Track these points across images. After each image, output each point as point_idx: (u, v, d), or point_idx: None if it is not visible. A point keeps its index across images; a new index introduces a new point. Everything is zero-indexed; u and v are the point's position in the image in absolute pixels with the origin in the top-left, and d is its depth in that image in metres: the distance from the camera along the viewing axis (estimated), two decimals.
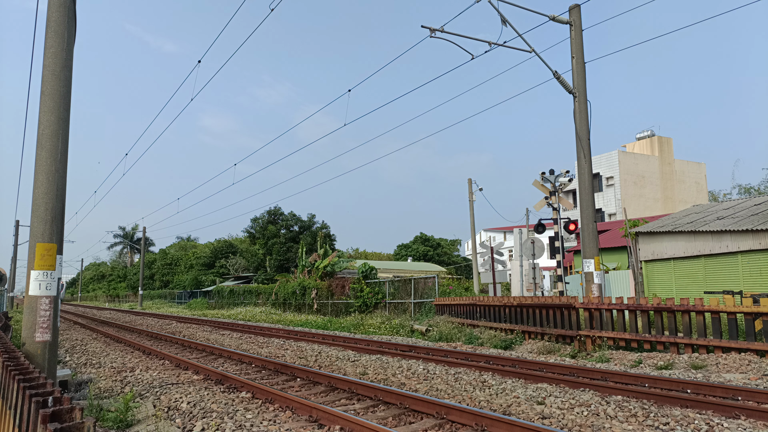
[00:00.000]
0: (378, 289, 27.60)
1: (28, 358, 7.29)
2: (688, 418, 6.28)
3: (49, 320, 7.55)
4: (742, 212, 17.49)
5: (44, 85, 7.94)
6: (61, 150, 7.88)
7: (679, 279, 17.58)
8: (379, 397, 7.62)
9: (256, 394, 8.11)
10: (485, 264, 22.03)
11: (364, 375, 9.79)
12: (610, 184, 49.41)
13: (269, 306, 37.16)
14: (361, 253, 75.14)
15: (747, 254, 15.51)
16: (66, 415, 2.96)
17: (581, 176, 14.46)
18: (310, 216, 58.66)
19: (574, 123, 14.53)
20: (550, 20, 14.56)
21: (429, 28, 13.52)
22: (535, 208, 18.21)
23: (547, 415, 6.58)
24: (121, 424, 6.55)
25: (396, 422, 6.62)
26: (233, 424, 6.41)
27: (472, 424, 6.11)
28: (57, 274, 7.68)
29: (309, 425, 6.41)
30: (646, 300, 11.57)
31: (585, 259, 14.02)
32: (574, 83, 14.59)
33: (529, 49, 14.29)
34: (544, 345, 12.89)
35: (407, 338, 17.31)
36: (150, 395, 8.26)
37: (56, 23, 8.05)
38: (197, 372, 10.52)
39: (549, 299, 13.94)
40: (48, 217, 7.67)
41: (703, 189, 54.15)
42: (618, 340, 12.01)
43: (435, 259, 67.64)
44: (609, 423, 6.15)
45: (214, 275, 61.50)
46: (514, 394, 7.69)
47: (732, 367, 9.46)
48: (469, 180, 31.80)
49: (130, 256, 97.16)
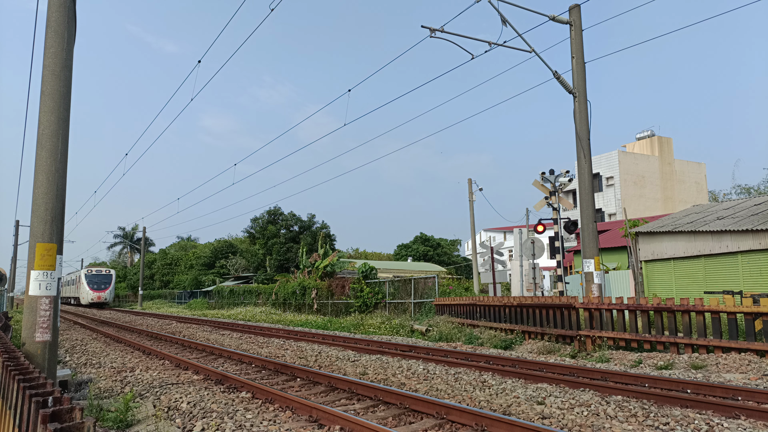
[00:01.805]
0: (378, 289, 27.60)
1: (28, 358, 7.29)
2: (688, 418, 6.28)
3: (49, 320, 7.55)
4: (742, 212, 17.49)
5: (44, 85, 7.94)
6: (61, 150, 7.88)
7: (679, 279, 17.58)
8: (379, 397, 7.62)
9: (256, 394, 8.11)
10: (485, 264, 22.03)
11: (364, 375, 9.79)
12: (610, 184, 49.40)
13: (269, 306, 37.15)
14: (361, 253, 75.12)
15: (747, 254, 15.51)
16: (66, 415, 2.96)
17: (581, 176, 14.46)
18: (310, 216, 58.68)
19: (574, 123, 14.53)
20: (550, 20, 14.56)
21: (429, 28, 13.52)
22: (535, 208, 18.21)
23: (547, 415, 6.58)
24: (121, 424, 6.55)
25: (396, 422, 6.62)
26: (233, 424, 6.41)
27: (472, 424, 6.11)
28: (57, 274, 7.68)
29: (309, 425, 6.41)
30: (646, 300, 11.57)
31: (585, 259, 14.02)
32: (574, 83, 14.59)
33: (529, 49, 14.29)
34: (544, 345, 12.88)
35: (407, 338, 17.31)
36: (150, 395, 8.26)
37: (56, 23, 8.05)
38: (197, 372, 10.52)
39: (549, 299, 13.94)
40: (48, 217, 7.66)
41: (703, 189, 54.15)
42: (618, 340, 12.01)
43: (435, 259, 67.60)
44: (609, 423, 6.15)
45: (214, 275, 61.48)
46: (514, 394, 7.69)
47: (732, 367, 9.46)
48: (469, 180, 31.81)
49: (130, 256, 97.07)
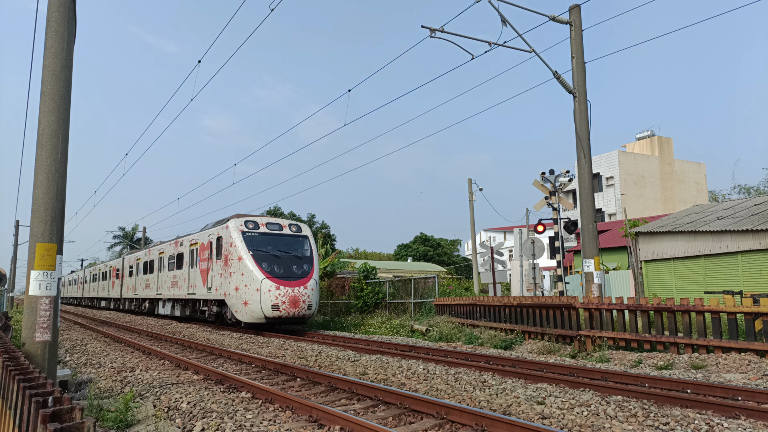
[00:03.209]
0: (378, 289, 27.60)
1: (28, 358, 7.29)
2: (688, 418, 6.28)
3: (49, 320, 7.55)
4: (742, 212, 17.49)
5: (44, 85, 7.93)
6: (61, 150, 7.88)
7: (679, 279, 17.58)
8: (379, 397, 7.62)
9: (256, 394, 8.11)
10: (485, 264, 22.03)
11: (364, 375, 9.79)
12: (610, 184, 49.40)
13: None
14: (361, 253, 75.15)
15: (747, 254, 15.51)
16: (66, 415, 2.96)
17: (581, 176, 14.46)
18: (310, 216, 58.70)
19: (574, 123, 14.53)
20: (550, 20, 14.55)
21: (429, 28, 13.52)
22: (535, 208, 18.21)
23: (547, 415, 6.58)
24: (121, 424, 6.55)
25: (396, 422, 6.62)
26: (233, 424, 6.41)
27: (472, 424, 6.11)
28: (57, 274, 7.68)
29: (309, 425, 6.41)
30: (646, 300, 11.57)
31: (585, 259, 14.02)
32: (574, 83, 14.59)
33: (529, 49, 14.29)
34: (544, 345, 12.88)
35: (407, 338, 17.30)
36: (150, 395, 8.26)
37: (56, 23, 8.05)
38: (197, 372, 10.52)
39: (549, 299, 13.94)
40: (48, 217, 7.66)
41: (703, 189, 54.15)
42: (618, 340, 12.00)
43: (435, 259, 67.65)
44: (609, 423, 6.15)
45: None
46: (514, 394, 7.69)
47: (732, 367, 9.46)
48: (469, 180, 31.82)
49: None
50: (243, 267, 17.92)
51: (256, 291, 17.45)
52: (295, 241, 19.26)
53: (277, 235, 19.01)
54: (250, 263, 17.81)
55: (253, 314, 17.57)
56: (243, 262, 17.94)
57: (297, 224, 20.02)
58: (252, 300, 17.49)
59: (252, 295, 17.49)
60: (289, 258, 18.67)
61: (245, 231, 18.59)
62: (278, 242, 18.88)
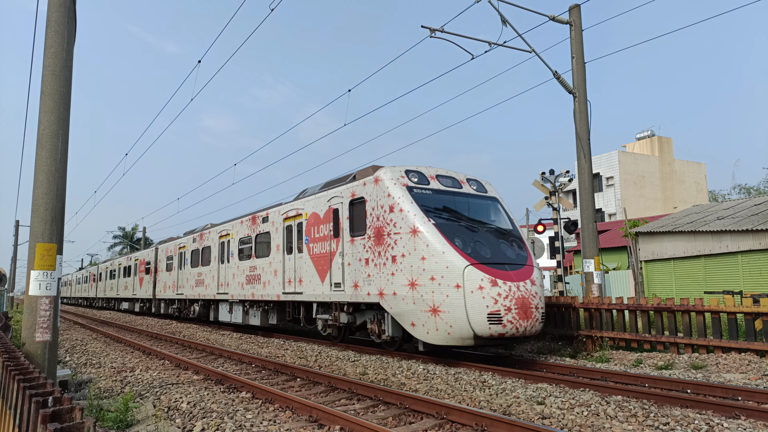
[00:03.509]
0: None
1: (28, 358, 7.29)
2: (688, 418, 6.28)
3: (49, 320, 7.55)
4: (742, 212, 17.49)
5: (44, 85, 7.94)
6: (61, 150, 7.88)
7: (679, 279, 17.58)
8: (379, 397, 7.62)
9: (256, 394, 8.11)
10: None
11: (364, 375, 9.79)
12: (610, 184, 49.40)
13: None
14: None
15: (747, 254, 15.51)
16: (66, 415, 2.96)
17: (581, 176, 14.46)
18: None
19: (574, 123, 14.53)
20: (550, 20, 14.56)
21: (429, 28, 13.52)
22: (535, 208, 18.21)
23: (547, 415, 6.58)
24: (121, 424, 6.55)
25: (396, 422, 6.62)
26: (233, 424, 6.41)
27: (472, 424, 6.11)
28: (57, 274, 7.68)
29: (309, 425, 6.41)
30: (646, 300, 11.57)
31: (585, 259, 14.02)
32: (574, 83, 14.59)
33: (529, 49, 14.28)
34: (544, 345, 12.88)
35: None
36: (150, 395, 8.26)
37: (56, 23, 8.05)
38: (197, 372, 10.52)
39: (549, 299, 13.93)
40: (48, 217, 7.67)
41: (703, 189, 54.16)
42: (618, 340, 12.00)
43: None
44: (609, 423, 6.15)
45: None
46: (514, 394, 7.69)
47: (732, 367, 9.46)
48: None
49: None
50: (423, 246, 10.32)
51: (455, 288, 9.83)
52: (488, 207, 11.95)
53: (460, 195, 11.64)
54: (435, 239, 10.23)
55: (450, 329, 9.88)
56: (421, 236, 10.37)
57: (476, 180, 12.71)
58: (448, 304, 9.90)
59: (448, 296, 9.91)
60: (491, 233, 11.13)
61: (412, 186, 11.19)
62: (465, 207, 11.50)
